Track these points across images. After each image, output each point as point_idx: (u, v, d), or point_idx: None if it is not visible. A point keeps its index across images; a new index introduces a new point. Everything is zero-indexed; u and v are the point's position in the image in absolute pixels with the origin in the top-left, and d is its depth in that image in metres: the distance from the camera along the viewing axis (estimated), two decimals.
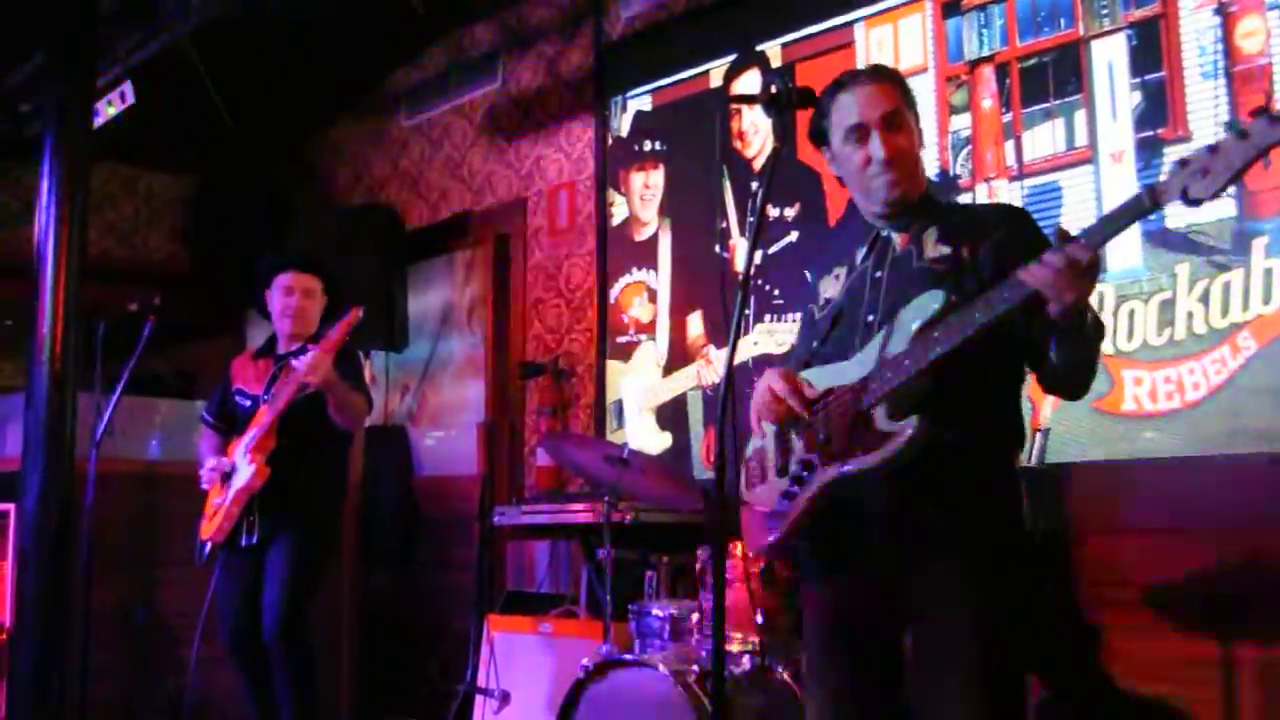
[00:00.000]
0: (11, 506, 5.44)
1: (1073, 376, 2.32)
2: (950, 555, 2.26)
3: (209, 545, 4.41)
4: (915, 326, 2.26)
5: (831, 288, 2.62)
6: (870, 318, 2.41)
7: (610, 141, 5.53)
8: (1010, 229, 2.40)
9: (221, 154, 7.44)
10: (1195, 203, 1.93)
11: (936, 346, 2.19)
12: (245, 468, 4.30)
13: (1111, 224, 2.06)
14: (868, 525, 2.33)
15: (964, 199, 4.05)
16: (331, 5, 6.03)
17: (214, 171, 7.74)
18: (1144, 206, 2.00)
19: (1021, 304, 2.12)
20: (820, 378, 2.44)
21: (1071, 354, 2.24)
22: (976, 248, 2.37)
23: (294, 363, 4.25)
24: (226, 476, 4.39)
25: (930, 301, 2.27)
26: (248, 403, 4.50)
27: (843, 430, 2.31)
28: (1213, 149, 1.91)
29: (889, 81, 2.50)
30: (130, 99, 5.77)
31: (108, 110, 5.87)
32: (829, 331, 2.53)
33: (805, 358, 2.59)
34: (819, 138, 2.57)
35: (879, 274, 2.47)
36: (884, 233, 2.53)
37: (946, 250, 2.39)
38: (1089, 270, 2.09)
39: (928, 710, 2.26)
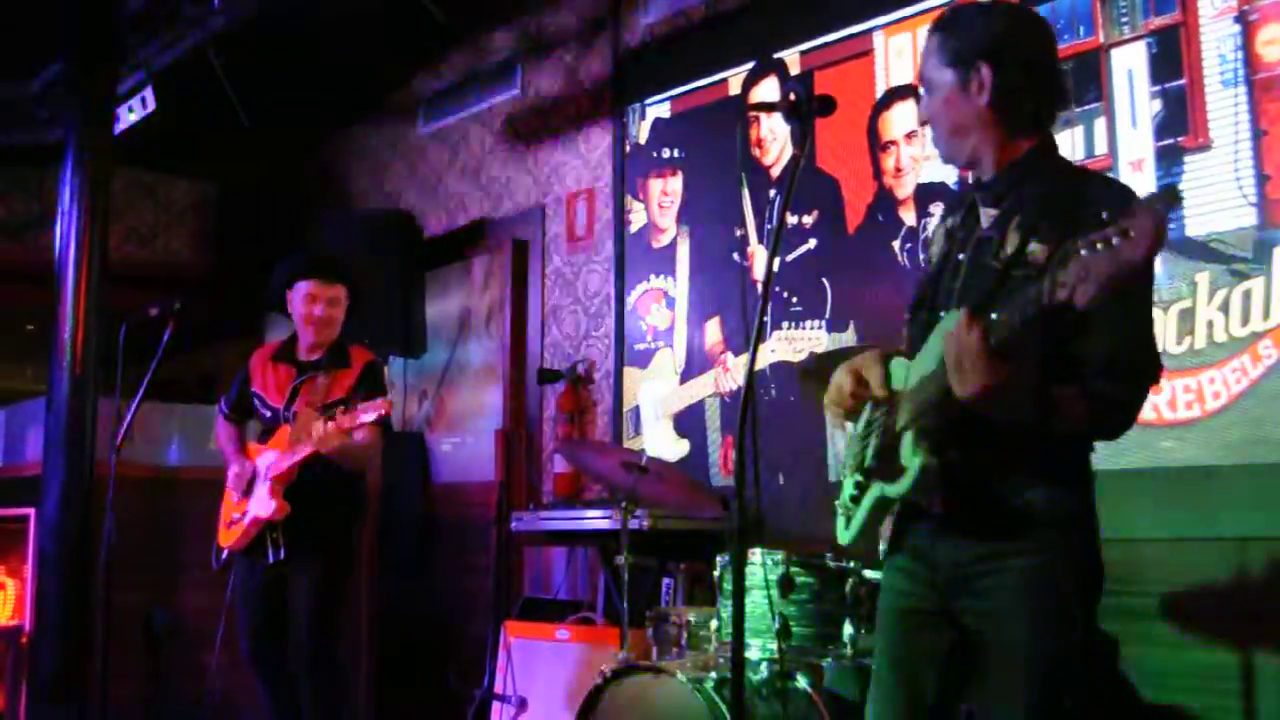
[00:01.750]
0: (32, 510, 5.48)
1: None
2: (1000, 583, 2.15)
3: (226, 553, 4.42)
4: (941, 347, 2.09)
5: (939, 243, 2.39)
6: (942, 314, 2.21)
7: (629, 148, 5.54)
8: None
9: (241, 159, 7.49)
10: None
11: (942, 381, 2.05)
12: (266, 500, 4.26)
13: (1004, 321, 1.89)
14: (925, 531, 2.27)
15: None
16: (351, 10, 6.06)
17: (234, 176, 7.78)
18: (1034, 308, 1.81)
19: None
20: (898, 372, 2.27)
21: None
22: (1062, 241, 1.83)
23: (312, 426, 4.18)
24: (250, 483, 4.38)
25: (953, 321, 2.07)
26: (268, 413, 4.47)
27: (884, 448, 2.25)
28: (1090, 245, 1.67)
29: (933, 36, 2.31)
30: (151, 104, 5.81)
31: (128, 116, 5.91)
32: (914, 311, 2.37)
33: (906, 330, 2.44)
34: None
35: (962, 255, 2.26)
36: (976, 197, 2.29)
37: (1017, 245, 2.12)
38: (980, 360, 1.91)
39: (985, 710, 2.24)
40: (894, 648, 2.35)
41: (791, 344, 4.66)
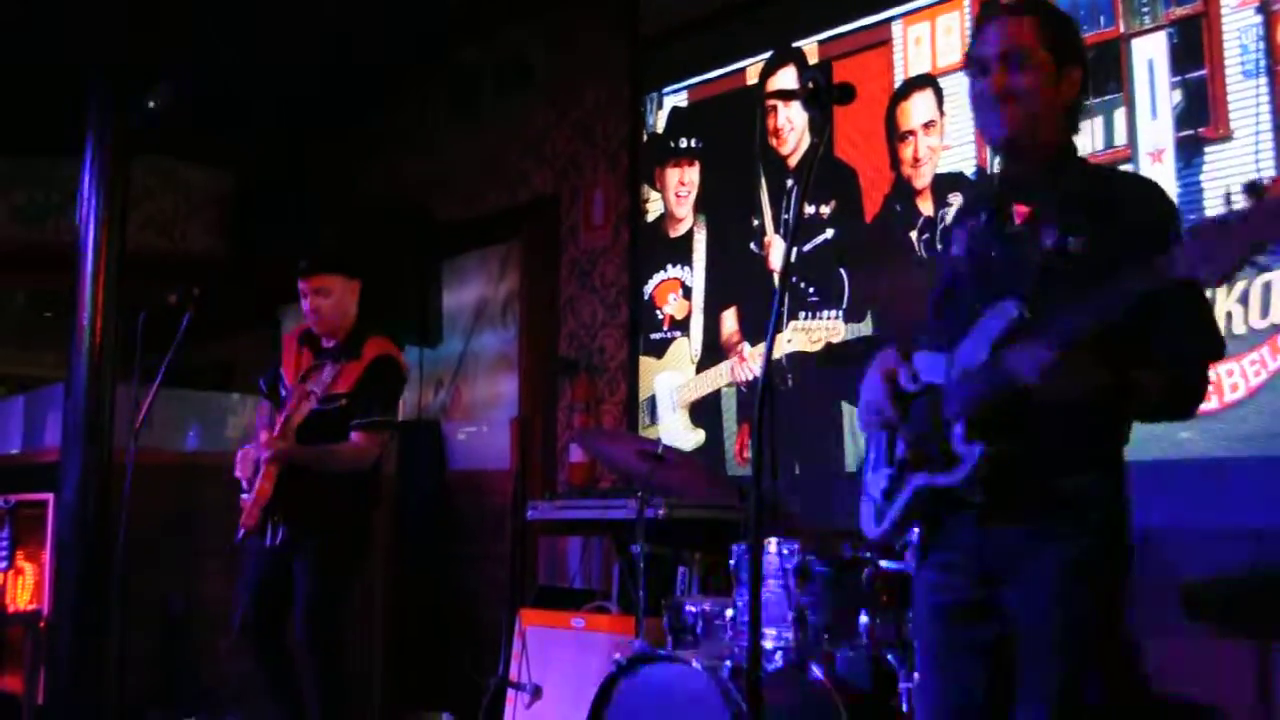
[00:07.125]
0: (51, 496, 5.50)
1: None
2: (1044, 567, 2.17)
3: (242, 531, 4.43)
4: (990, 339, 2.15)
5: (959, 242, 2.41)
6: (978, 305, 2.24)
7: (646, 138, 5.54)
8: (1140, 219, 2.17)
9: (259, 148, 7.50)
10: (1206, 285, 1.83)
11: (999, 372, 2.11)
12: (259, 481, 4.26)
13: (1090, 313, 1.96)
14: (965, 522, 2.26)
15: None
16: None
17: (251, 166, 7.79)
18: (1140, 287, 1.91)
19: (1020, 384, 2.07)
20: (929, 367, 2.31)
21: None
22: (1099, 237, 2.16)
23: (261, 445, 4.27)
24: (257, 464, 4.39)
25: (1003, 313, 2.15)
26: (283, 393, 4.51)
27: (928, 439, 2.26)
28: (1222, 224, 1.77)
29: (1029, 16, 2.30)
30: (169, 93, 5.82)
31: (147, 105, 5.92)
32: (944, 304, 2.39)
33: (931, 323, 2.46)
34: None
35: (994, 252, 2.30)
36: (1004, 193, 2.34)
37: (1056, 238, 2.20)
38: (1040, 350, 2.00)
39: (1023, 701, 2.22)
40: (937, 646, 2.34)
41: (808, 334, 4.65)
